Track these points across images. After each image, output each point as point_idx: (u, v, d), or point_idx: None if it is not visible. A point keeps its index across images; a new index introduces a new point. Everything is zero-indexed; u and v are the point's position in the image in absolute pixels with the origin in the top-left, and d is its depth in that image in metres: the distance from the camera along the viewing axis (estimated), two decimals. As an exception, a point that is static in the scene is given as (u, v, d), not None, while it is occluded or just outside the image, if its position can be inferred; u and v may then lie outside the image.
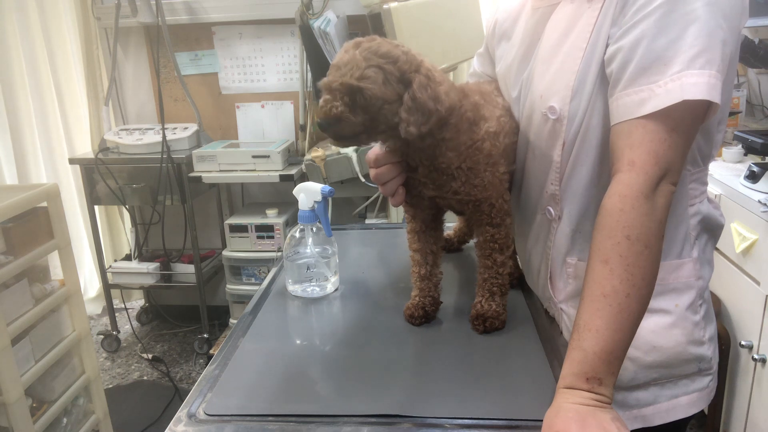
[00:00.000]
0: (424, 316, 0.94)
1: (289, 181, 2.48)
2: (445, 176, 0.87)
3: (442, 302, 0.98)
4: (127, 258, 2.94)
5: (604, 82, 0.79)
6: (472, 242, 1.22)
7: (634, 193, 0.70)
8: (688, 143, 0.74)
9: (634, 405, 0.87)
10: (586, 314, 0.69)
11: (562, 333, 0.94)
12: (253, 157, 2.52)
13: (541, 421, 0.67)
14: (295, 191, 1.09)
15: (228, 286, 2.70)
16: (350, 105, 0.79)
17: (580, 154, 0.83)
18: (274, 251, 2.58)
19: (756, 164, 1.73)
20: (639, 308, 0.70)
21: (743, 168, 1.81)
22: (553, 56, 0.85)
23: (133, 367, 2.79)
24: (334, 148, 2.31)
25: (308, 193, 1.06)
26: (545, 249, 0.93)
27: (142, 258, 2.89)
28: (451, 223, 1.22)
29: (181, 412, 0.75)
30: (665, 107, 0.70)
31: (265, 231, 2.59)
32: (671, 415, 0.87)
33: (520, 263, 1.08)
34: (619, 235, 0.70)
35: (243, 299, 2.69)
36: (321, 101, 0.81)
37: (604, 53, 0.78)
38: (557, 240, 0.90)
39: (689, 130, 0.73)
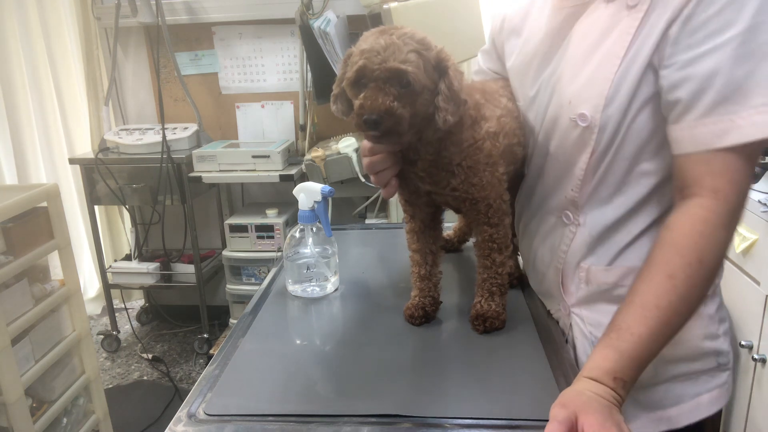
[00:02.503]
0: (424, 316, 0.94)
1: (289, 181, 2.48)
2: (444, 172, 0.86)
3: (442, 302, 0.98)
4: (127, 258, 2.94)
5: (641, 95, 0.77)
6: (471, 242, 1.22)
7: (718, 221, 0.71)
8: (753, 170, 0.75)
9: (658, 406, 0.87)
10: (631, 318, 0.70)
11: (564, 333, 0.94)
12: (253, 157, 2.53)
13: (542, 421, 0.67)
14: (295, 191, 1.09)
15: (228, 286, 2.70)
16: (397, 96, 0.75)
17: (611, 164, 0.82)
18: (274, 251, 2.58)
19: (756, 164, 1.72)
20: (682, 325, 0.72)
21: (743, 168, 1.81)
22: (584, 61, 0.82)
23: (133, 367, 2.79)
24: (334, 148, 2.31)
25: (308, 193, 1.06)
26: (558, 252, 0.92)
27: (142, 258, 2.90)
28: (451, 223, 1.22)
29: (181, 412, 0.75)
30: (750, 141, 0.70)
31: (265, 231, 2.59)
32: (695, 415, 0.87)
33: (522, 262, 1.07)
34: (692, 256, 0.71)
35: (243, 299, 2.69)
36: (363, 96, 0.76)
37: (646, 64, 0.76)
38: (574, 245, 0.89)
39: (757, 158, 0.74)
